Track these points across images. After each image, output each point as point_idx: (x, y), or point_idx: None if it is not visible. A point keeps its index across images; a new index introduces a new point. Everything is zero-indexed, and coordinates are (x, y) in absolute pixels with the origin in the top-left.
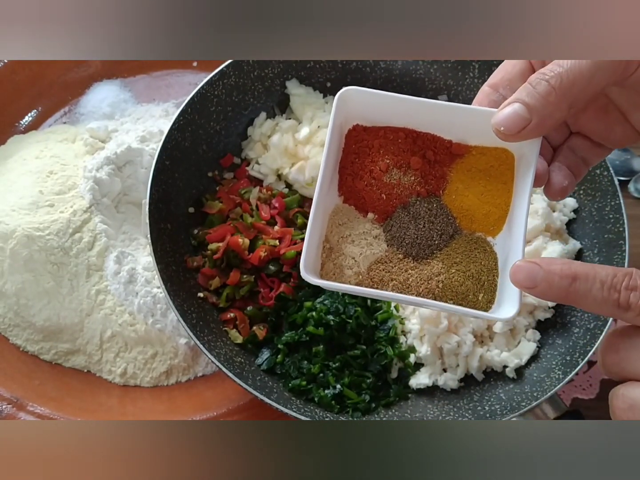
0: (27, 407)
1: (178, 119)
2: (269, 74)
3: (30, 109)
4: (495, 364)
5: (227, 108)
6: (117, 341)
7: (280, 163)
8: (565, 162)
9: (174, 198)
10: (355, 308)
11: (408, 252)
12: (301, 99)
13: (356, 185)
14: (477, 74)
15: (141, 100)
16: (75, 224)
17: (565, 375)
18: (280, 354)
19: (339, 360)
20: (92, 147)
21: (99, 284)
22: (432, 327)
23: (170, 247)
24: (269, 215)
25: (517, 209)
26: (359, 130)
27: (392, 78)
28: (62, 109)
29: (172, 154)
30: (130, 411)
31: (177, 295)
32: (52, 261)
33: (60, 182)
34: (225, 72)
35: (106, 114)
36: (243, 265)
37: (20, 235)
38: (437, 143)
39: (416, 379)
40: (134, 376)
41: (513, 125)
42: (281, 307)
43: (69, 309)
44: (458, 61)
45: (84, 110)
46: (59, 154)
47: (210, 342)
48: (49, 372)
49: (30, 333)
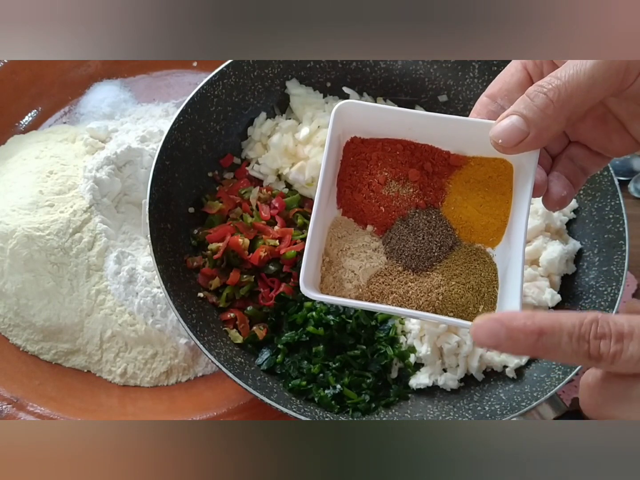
0: (27, 407)
1: (178, 119)
2: (269, 74)
3: (30, 109)
4: (495, 364)
5: (227, 108)
6: (117, 341)
7: (280, 163)
8: (564, 171)
9: (174, 198)
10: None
11: (407, 264)
12: (301, 99)
13: (355, 197)
14: (477, 74)
15: (141, 100)
16: (75, 224)
17: (566, 375)
18: (280, 354)
19: (339, 360)
20: (92, 147)
21: (99, 284)
22: (432, 327)
23: (170, 247)
24: (269, 215)
25: (516, 220)
26: (356, 142)
27: (392, 78)
28: (62, 109)
29: (172, 154)
30: (131, 411)
31: (177, 295)
32: (52, 261)
33: (60, 182)
34: (225, 72)
35: (106, 114)
36: (243, 265)
37: (20, 235)
38: (435, 155)
39: (416, 379)
40: (134, 376)
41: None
42: (281, 307)
43: (69, 309)
44: (458, 61)
45: (84, 110)
46: (59, 154)
47: (211, 342)
48: (49, 372)
49: (30, 333)
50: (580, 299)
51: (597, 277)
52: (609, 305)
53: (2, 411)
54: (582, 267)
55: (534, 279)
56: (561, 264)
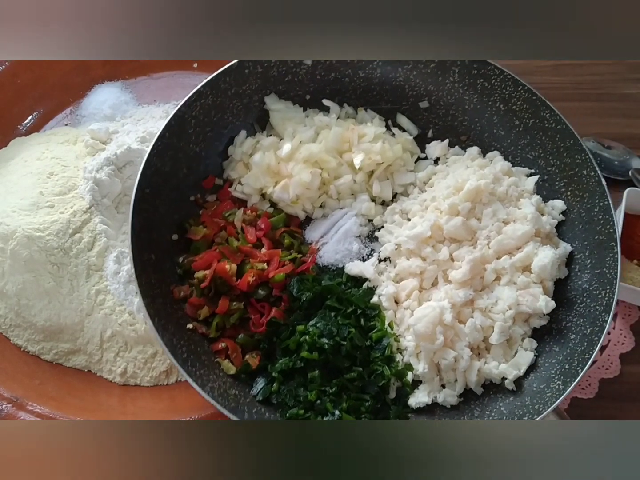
0: (27, 406)
1: (156, 144)
2: (247, 90)
3: (32, 111)
4: (494, 377)
5: (205, 128)
6: (117, 341)
7: (264, 182)
8: None
9: (157, 226)
10: (349, 329)
11: None
12: (281, 114)
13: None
14: (457, 78)
15: (142, 102)
16: (75, 225)
17: (566, 386)
18: (276, 383)
19: (335, 385)
20: (93, 148)
21: (99, 284)
22: (428, 343)
23: (156, 279)
24: (255, 237)
25: None
26: None
27: (371, 87)
28: (64, 111)
29: (151, 181)
30: (131, 410)
31: (166, 329)
32: (53, 261)
33: (61, 183)
34: (202, 92)
35: (107, 116)
36: (231, 292)
37: (20, 236)
38: None
39: (415, 398)
40: (134, 375)
41: None
42: (273, 332)
43: (69, 309)
44: (438, 66)
45: (85, 112)
46: (60, 155)
47: (203, 377)
48: (50, 371)
49: (31, 333)
50: (574, 304)
51: (590, 280)
52: (604, 309)
53: (2, 410)
54: (575, 270)
55: (527, 287)
56: (553, 269)
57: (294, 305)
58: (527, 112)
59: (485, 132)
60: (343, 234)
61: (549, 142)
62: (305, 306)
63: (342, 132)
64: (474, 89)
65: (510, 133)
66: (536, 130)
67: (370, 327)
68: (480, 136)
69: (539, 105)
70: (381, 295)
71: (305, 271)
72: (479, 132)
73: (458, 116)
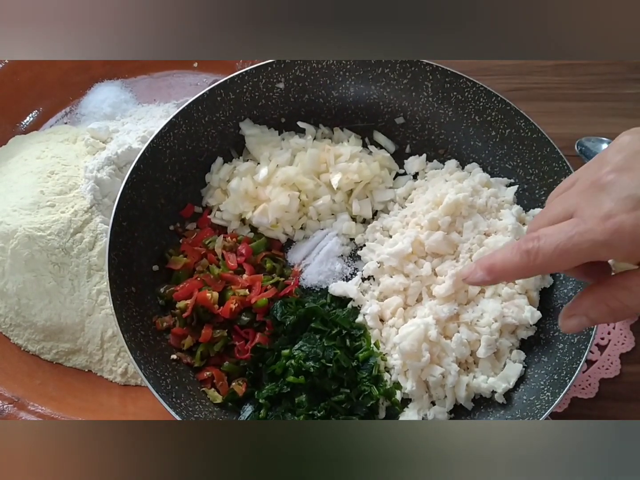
0: (28, 406)
1: (131, 177)
2: (221, 117)
3: (31, 110)
4: (483, 390)
5: (181, 158)
6: (117, 341)
7: (242, 207)
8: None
9: (136, 259)
10: (334, 351)
11: None
12: (257, 139)
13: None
14: (430, 92)
15: (142, 101)
16: (76, 224)
17: (555, 397)
18: (263, 409)
19: (323, 408)
20: (93, 147)
21: (99, 283)
22: (414, 361)
23: (137, 311)
24: (236, 263)
25: None
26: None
27: (346, 106)
28: (63, 110)
29: (128, 214)
30: (131, 410)
31: (149, 362)
32: (53, 261)
33: (62, 182)
34: (175, 123)
35: (107, 115)
36: (214, 320)
37: (21, 236)
38: None
39: (405, 417)
40: (134, 376)
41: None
42: (258, 358)
43: (70, 309)
44: (411, 82)
45: (85, 111)
46: (60, 154)
47: (188, 408)
48: (50, 371)
49: (31, 333)
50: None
51: (575, 287)
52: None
53: (3, 410)
54: (559, 279)
55: (512, 298)
56: (537, 278)
57: (279, 330)
58: (503, 122)
59: (463, 144)
60: (325, 254)
61: (526, 151)
62: (290, 330)
63: (318, 153)
64: (448, 102)
65: (487, 144)
66: (512, 140)
67: (356, 348)
68: (457, 149)
69: (513, 115)
70: (366, 314)
71: (288, 294)
72: (457, 145)
73: (434, 130)
